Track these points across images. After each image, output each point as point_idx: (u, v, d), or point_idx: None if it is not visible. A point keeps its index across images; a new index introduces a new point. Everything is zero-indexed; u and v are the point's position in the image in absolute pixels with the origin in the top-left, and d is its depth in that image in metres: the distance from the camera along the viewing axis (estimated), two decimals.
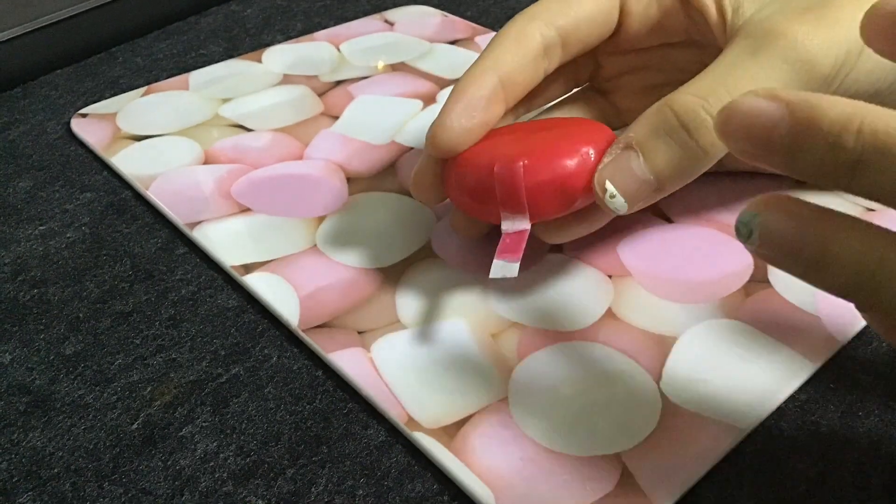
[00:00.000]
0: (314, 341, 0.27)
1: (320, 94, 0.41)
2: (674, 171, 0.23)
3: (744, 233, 0.19)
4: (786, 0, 0.25)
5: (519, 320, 0.27)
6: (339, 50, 0.45)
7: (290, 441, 0.24)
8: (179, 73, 0.44)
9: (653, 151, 0.23)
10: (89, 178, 0.36)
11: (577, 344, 0.26)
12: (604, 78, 0.32)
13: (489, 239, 0.31)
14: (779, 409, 0.24)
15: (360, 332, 0.27)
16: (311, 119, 0.39)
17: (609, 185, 0.23)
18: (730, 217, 0.31)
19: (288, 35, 0.48)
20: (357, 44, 0.46)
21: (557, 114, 0.31)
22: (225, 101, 0.41)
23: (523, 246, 0.25)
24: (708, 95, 0.23)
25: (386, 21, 0.49)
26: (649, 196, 0.24)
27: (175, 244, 0.32)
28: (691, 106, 0.23)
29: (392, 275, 0.29)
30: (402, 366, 0.26)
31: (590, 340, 0.27)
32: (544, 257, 0.30)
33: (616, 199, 0.24)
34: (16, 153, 0.38)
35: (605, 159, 0.24)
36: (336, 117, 0.39)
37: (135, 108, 0.40)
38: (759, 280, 0.28)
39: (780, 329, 0.26)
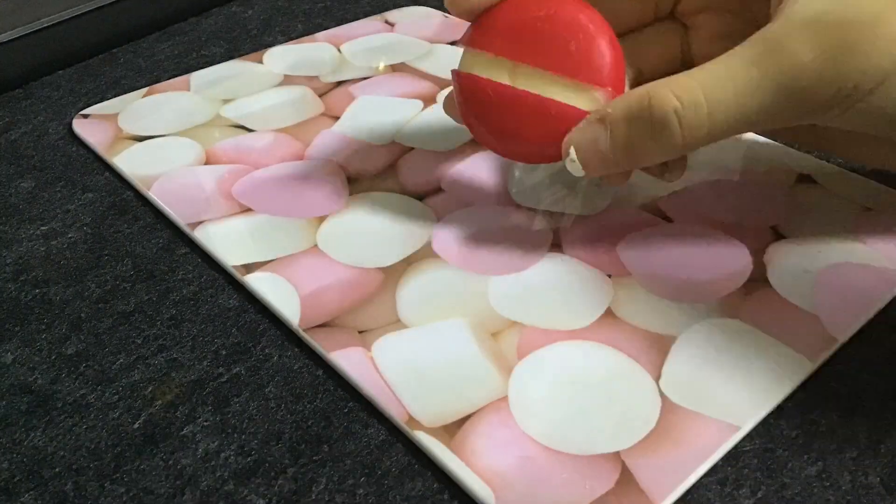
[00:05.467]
0: (315, 341, 0.27)
1: (321, 95, 0.41)
2: (633, 157, 0.26)
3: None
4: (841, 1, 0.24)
5: (519, 320, 0.27)
6: (339, 51, 0.45)
7: (291, 440, 0.24)
8: (181, 74, 0.44)
9: (620, 133, 0.25)
10: (91, 178, 0.36)
11: (577, 343, 0.26)
12: (684, 11, 0.31)
13: (489, 239, 0.31)
14: (779, 408, 0.25)
15: (360, 332, 0.27)
16: (312, 119, 0.39)
17: (571, 151, 0.26)
18: (730, 217, 0.31)
19: (289, 36, 0.48)
20: (358, 44, 0.46)
21: (630, 43, 0.31)
22: (226, 101, 0.41)
23: None
24: (685, 97, 0.24)
25: (386, 22, 0.49)
26: (606, 169, 0.26)
27: (176, 244, 0.32)
28: (666, 104, 0.24)
29: (392, 275, 0.29)
30: (403, 365, 0.26)
31: (589, 340, 0.27)
32: (544, 257, 0.30)
33: (574, 164, 0.26)
34: (18, 154, 0.38)
35: (579, 125, 0.26)
36: (337, 118, 0.39)
37: (136, 108, 0.40)
38: (758, 279, 0.28)
39: (779, 328, 0.27)
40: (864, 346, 0.26)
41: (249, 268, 0.30)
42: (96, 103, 0.41)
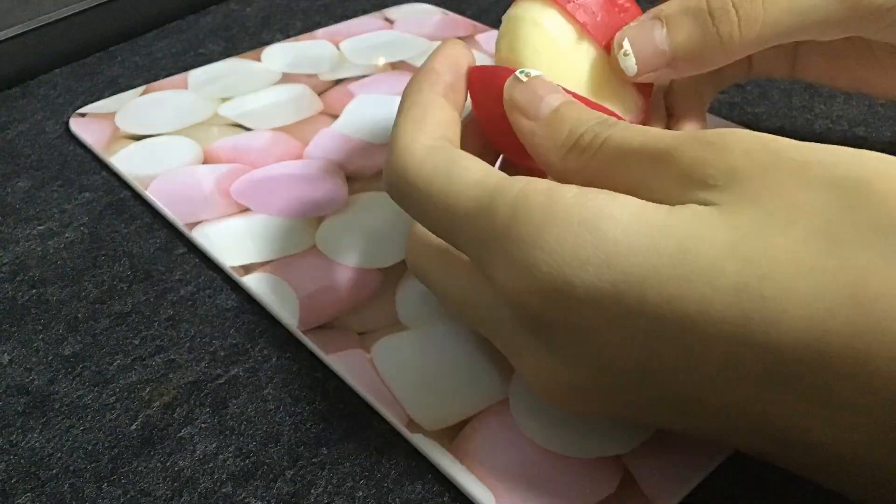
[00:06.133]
0: (314, 342, 0.27)
1: (320, 93, 0.41)
2: (689, 51, 0.25)
3: None
4: None
5: None
6: (338, 48, 0.45)
7: (289, 442, 0.24)
8: (178, 72, 0.43)
9: (676, 26, 0.25)
10: (88, 177, 0.36)
11: None
12: None
13: None
14: None
15: (360, 333, 0.27)
16: (311, 118, 0.39)
17: (626, 43, 0.25)
18: None
19: (287, 33, 0.48)
20: (357, 42, 0.46)
21: None
22: (224, 100, 0.40)
23: None
24: None
25: (386, 19, 0.48)
26: (660, 66, 0.25)
27: (174, 244, 0.32)
28: None
29: (392, 275, 0.29)
30: (403, 367, 0.26)
31: None
32: None
33: (629, 57, 0.25)
34: (14, 153, 0.38)
35: (632, 24, 0.26)
36: (336, 116, 0.39)
37: (134, 107, 0.40)
38: None
39: None
40: None
41: (248, 268, 0.30)
42: (93, 102, 0.41)
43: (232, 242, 0.31)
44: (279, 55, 0.44)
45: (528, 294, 0.20)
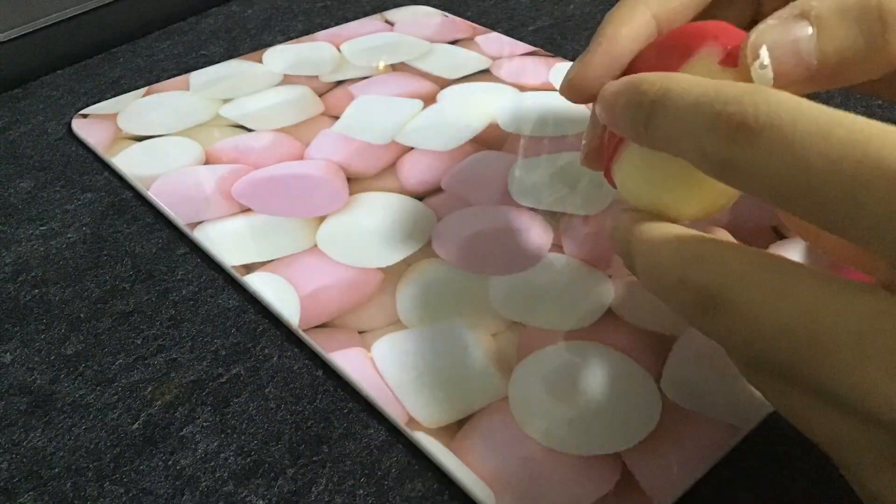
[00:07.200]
0: (315, 341, 0.27)
1: (321, 95, 0.41)
2: (841, 63, 0.19)
3: None
4: None
5: (519, 320, 0.27)
6: (339, 50, 0.45)
7: (290, 441, 0.24)
8: (180, 74, 0.44)
9: (830, 31, 0.19)
10: (90, 178, 0.36)
11: (577, 344, 0.26)
12: None
13: (489, 239, 0.31)
14: None
15: (360, 332, 0.27)
16: (312, 119, 0.39)
17: (764, 53, 0.19)
18: (730, 217, 0.31)
19: (288, 35, 0.48)
20: (357, 44, 0.46)
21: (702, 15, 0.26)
22: (225, 101, 0.41)
23: None
24: None
25: (386, 21, 0.49)
26: (799, 80, 0.20)
27: (176, 244, 0.32)
28: None
29: (392, 275, 0.29)
30: (403, 366, 0.26)
31: (590, 340, 0.27)
32: (544, 257, 0.30)
33: (766, 70, 0.20)
34: (16, 153, 0.38)
35: (770, 21, 0.20)
36: (337, 117, 0.39)
37: (135, 108, 0.40)
38: None
39: None
40: None
41: (249, 268, 0.30)
42: (95, 103, 0.41)
43: (233, 242, 0.31)
44: (280, 57, 0.45)
45: None
